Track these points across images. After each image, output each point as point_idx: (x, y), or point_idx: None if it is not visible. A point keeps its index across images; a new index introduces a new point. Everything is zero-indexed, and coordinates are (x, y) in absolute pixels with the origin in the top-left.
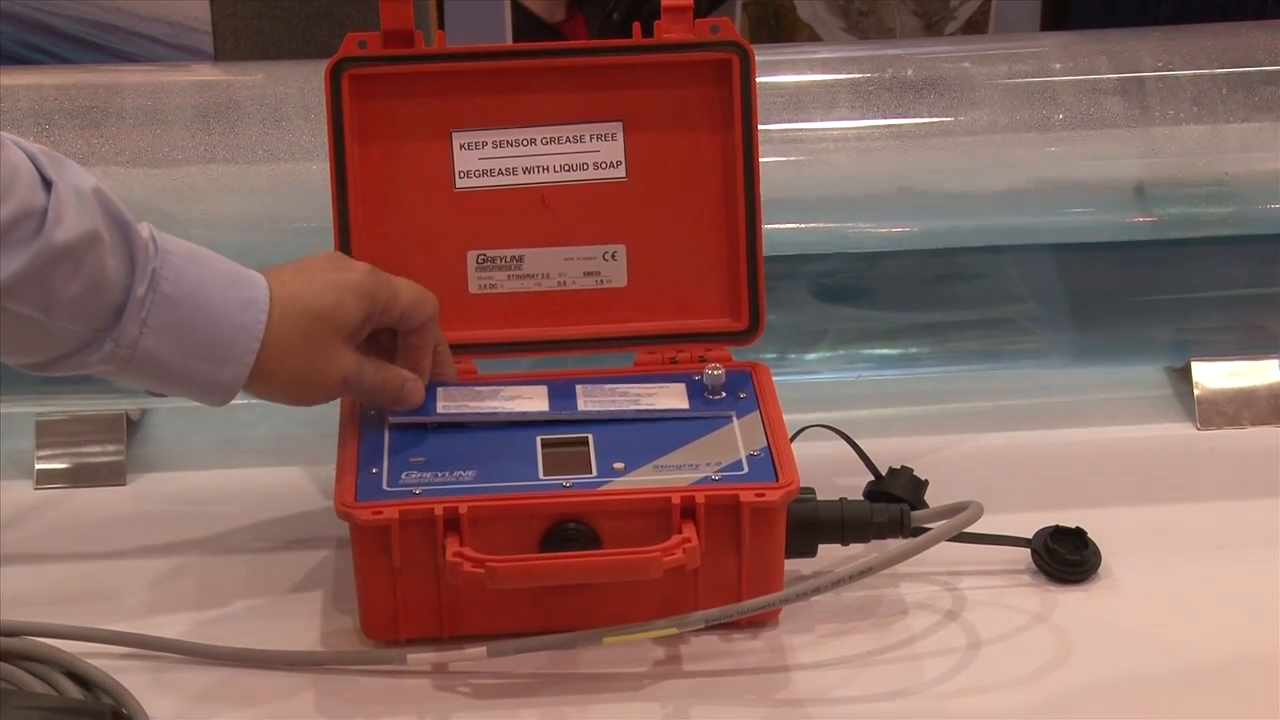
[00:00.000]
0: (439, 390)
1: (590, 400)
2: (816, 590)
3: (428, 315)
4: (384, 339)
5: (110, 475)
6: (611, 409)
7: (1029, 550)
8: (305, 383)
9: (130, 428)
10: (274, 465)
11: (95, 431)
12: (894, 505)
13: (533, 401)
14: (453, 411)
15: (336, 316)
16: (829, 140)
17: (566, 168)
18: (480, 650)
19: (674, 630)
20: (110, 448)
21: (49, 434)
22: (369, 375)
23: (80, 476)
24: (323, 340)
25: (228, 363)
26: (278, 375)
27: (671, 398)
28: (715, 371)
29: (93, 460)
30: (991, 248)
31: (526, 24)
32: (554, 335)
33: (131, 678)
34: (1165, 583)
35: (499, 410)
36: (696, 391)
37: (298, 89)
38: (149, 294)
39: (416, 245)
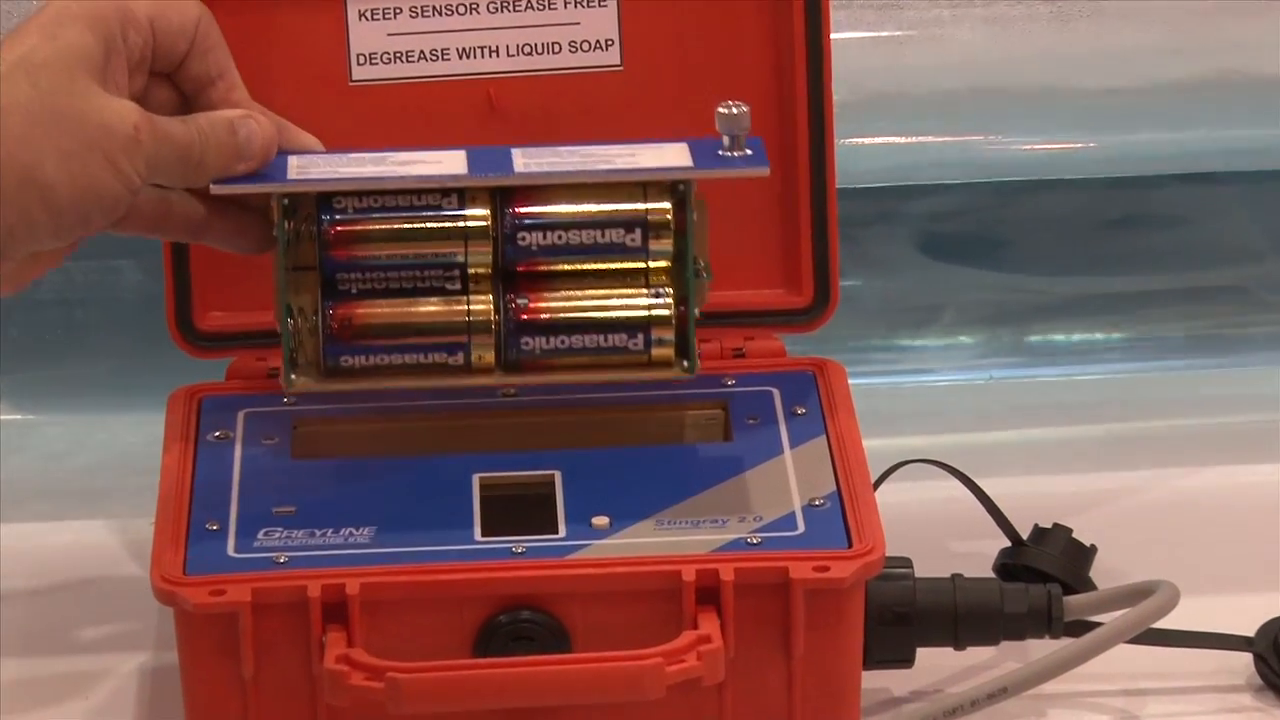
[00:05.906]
0: (291, 158)
1: (534, 162)
2: None
3: (190, 21)
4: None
5: None
6: (569, 168)
7: (1251, 654)
8: (84, 151)
9: None
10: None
11: None
12: (1037, 587)
13: (442, 166)
14: (313, 177)
15: (61, 52)
16: (942, 6)
17: (526, 50)
18: None
19: None
20: None
21: None
22: (173, 124)
23: None
24: (66, 88)
25: None
26: (43, 163)
27: (670, 157)
28: (734, 110)
29: None
30: (1204, 175)
31: None
32: None
33: None
34: None
35: (386, 175)
36: (708, 151)
37: None
38: None
39: None
